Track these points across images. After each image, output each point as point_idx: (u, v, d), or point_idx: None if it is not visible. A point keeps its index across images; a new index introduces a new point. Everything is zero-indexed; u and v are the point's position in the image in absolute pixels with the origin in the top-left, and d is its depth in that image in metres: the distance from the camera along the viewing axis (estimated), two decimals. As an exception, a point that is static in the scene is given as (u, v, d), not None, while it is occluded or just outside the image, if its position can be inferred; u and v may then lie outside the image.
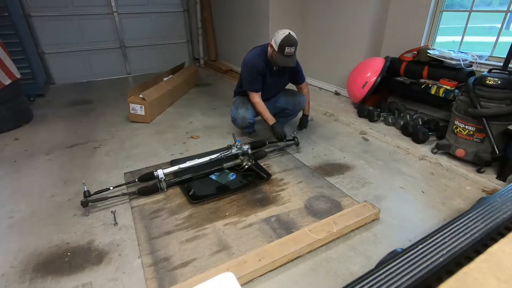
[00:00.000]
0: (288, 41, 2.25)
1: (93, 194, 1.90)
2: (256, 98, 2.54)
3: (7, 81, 3.00)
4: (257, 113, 2.69)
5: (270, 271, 1.47)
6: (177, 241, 1.65)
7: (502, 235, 0.89)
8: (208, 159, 2.25)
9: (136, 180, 2.10)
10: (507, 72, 2.17)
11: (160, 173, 2.05)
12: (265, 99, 2.65)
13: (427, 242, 0.90)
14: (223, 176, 2.23)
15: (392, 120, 3.02)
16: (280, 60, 2.32)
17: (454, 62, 2.70)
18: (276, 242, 1.57)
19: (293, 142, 2.60)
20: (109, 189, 1.97)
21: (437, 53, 2.82)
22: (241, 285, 1.38)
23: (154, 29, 5.44)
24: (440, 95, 2.72)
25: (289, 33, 2.26)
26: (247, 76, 2.48)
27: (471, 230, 0.93)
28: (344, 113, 3.40)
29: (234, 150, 2.32)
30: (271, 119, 2.57)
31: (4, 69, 2.99)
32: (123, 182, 2.15)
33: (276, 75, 2.56)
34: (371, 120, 3.14)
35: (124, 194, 1.99)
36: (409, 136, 2.76)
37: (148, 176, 2.10)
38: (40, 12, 4.43)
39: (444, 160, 2.40)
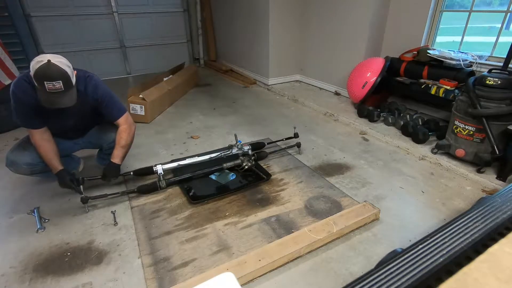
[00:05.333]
0: (46, 74, 1.51)
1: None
2: (35, 136, 1.83)
3: (7, 81, 3.00)
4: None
5: (270, 271, 1.47)
6: (177, 241, 1.65)
7: (502, 235, 0.89)
8: (208, 157, 2.25)
9: (132, 173, 2.10)
10: (507, 72, 2.17)
11: (159, 168, 2.05)
12: (68, 138, 2.06)
13: (427, 242, 0.90)
14: (223, 176, 2.23)
15: (392, 120, 3.02)
16: (43, 98, 1.58)
17: (454, 62, 2.70)
18: (276, 242, 1.57)
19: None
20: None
21: (437, 53, 2.82)
22: (241, 285, 1.38)
23: (154, 29, 5.43)
24: (440, 95, 2.72)
25: (49, 61, 1.52)
26: (14, 106, 1.74)
27: (471, 230, 0.92)
28: (344, 113, 3.40)
29: (234, 150, 2.32)
30: (55, 167, 1.87)
31: (4, 69, 3.00)
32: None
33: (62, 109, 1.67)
34: (371, 120, 3.14)
35: (123, 193, 1.99)
36: (409, 136, 2.76)
37: (143, 171, 2.11)
38: (40, 12, 4.43)
39: (444, 160, 2.40)
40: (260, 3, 4.21)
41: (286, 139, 2.69)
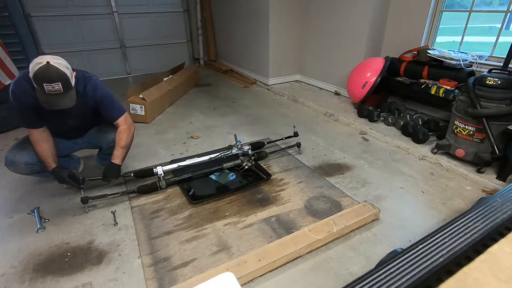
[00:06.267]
0: (45, 75, 1.50)
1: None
2: (33, 135, 1.83)
3: (7, 81, 3.00)
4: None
5: (270, 271, 1.47)
6: (177, 241, 1.65)
7: (502, 235, 0.89)
8: (208, 158, 2.25)
9: (132, 174, 2.10)
10: (507, 72, 2.17)
11: (159, 169, 2.05)
12: (67, 137, 2.08)
13: (427, 242, 0.90)
14: (223, 176, 2.23)
15: (392, 120, 3.02)
16: (42, 99, 1.58)
17: (454, 62, 2.70)
18: (276, 242, 1.57)
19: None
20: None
21: (437, 53, 2.82)
22: (241, 285, 1.38)
23: (154, 29, 5.43)
24: (440, 95, 2.72)
25: (48, 63, 1.51)
26: (14, 105, 1.73)
27: (471, 230, 0.92)
28: (344, 113, 3.40)
29: (234, 150, 2.32)
30: (51, 164, 1.86)
31: (4, 69, 3.00)
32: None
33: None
34: (371, 120, 3.14)
35: (123, 193, 1.99)
36: (409, 136, 2.76)
37: (143, 173, 2.11)
38: (40, 12, 4.43)
39: (444, 160, 2.40)
40: (260, 3, 4.21)
41: (286, 138, 2.69)
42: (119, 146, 1.95)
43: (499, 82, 2.09)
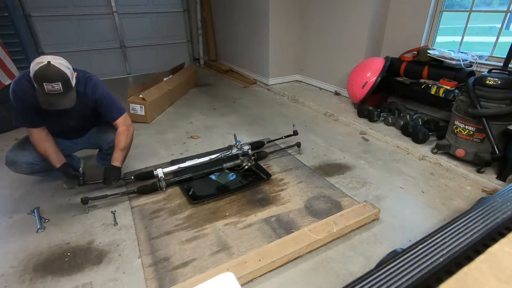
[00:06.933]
0: (45, 75, 1.50)
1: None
2: (34, 135, 1.82)
3: (7, 81, 3.00)
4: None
5: (270, 271, 1.47)
6: (177, 241, 1.65)
7: (502, 235, 0.89)
8: (208, 159, 2.25)
9: (132, 178, 2.10)
10: (507, 72, 2.16)
11: (159, 172, 2.05)
12: (67, 138, 2.07)
13: (427, 242, 0.90)
14: (223, 176, 2.23)
15: (392, 120, 3.02)
16: (41, 99, 1.58)
17: (454, 62, 2.70)
18: (276, 242, 1.57)
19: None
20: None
21: (437, 53, 2.82)
22: (241, 285, 1.38)
23: (154, 29, 5.43)
24: (440, 95, 2.72)
25: (49, 62, 1.51)
26: (14, 104, 1.73)
27: (471, 230, 0.92)
28: (344, 113, 3.40)
29: (234, 151, 2.32)
30: (57, 161, 1.87)
31: (4, 69, 3.00)
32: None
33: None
34: (371, 120, 3.14)
35: (123, 193, 1.99)
36: (409, 136, 2.76)
37: (144, 175, 2.11)
38: (40, 12, 4.43)
39: (444, 160, 2.40)
40: (260, 3, 4.21)
41: (286, 137, 2.69)
42: (118, 148, 1.94)
43: (499, 82, 2.09)
